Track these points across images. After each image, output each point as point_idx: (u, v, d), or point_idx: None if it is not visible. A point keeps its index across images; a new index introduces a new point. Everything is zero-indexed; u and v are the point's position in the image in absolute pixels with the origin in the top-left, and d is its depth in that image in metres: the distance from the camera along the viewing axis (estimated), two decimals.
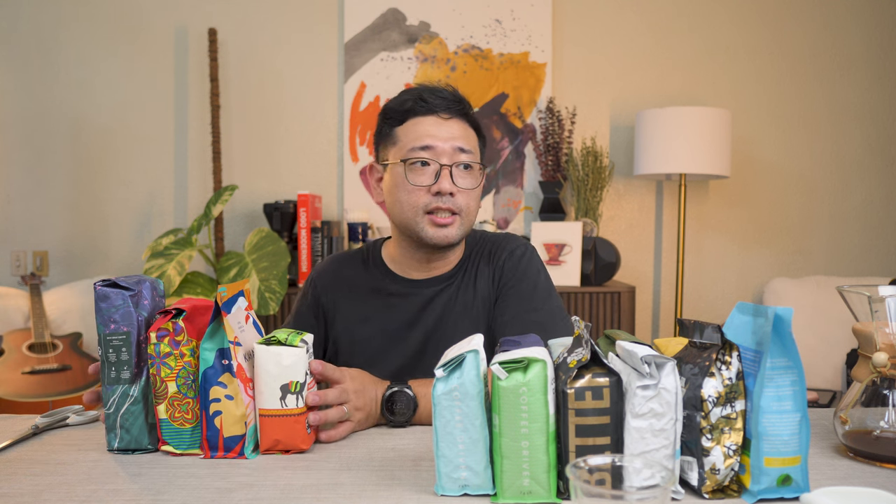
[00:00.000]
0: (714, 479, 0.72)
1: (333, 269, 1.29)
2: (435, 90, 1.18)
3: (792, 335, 0.70)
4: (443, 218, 1.14)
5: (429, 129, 1.15)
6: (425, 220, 1.15)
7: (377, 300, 1.23)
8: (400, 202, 1.16)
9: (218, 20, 2.75)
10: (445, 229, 1.15)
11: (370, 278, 1.26)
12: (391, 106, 1.20)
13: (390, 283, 1.24)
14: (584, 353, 0.70)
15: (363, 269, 1.27)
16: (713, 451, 0.71)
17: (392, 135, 1.19)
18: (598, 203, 2.66)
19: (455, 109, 1.18)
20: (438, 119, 1.16)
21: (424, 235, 1.15)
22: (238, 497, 0.72)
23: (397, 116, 1.18)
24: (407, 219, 1.16)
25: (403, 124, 1.18)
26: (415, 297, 1.22)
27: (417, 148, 1.14)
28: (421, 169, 1.15)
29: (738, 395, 0.72)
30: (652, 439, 0.70)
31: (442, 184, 1.13)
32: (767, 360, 0.70)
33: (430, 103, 1.16)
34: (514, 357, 0.71)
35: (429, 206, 1.14)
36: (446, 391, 0.72)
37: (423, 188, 1.14)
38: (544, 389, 0.70)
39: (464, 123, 1.19)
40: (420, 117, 1.17)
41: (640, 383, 0.69)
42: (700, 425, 0.72)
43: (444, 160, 1.14)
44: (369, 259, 1.28)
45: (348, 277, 1.27)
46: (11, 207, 2.79)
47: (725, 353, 0.73)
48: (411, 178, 1.14)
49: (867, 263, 2.86)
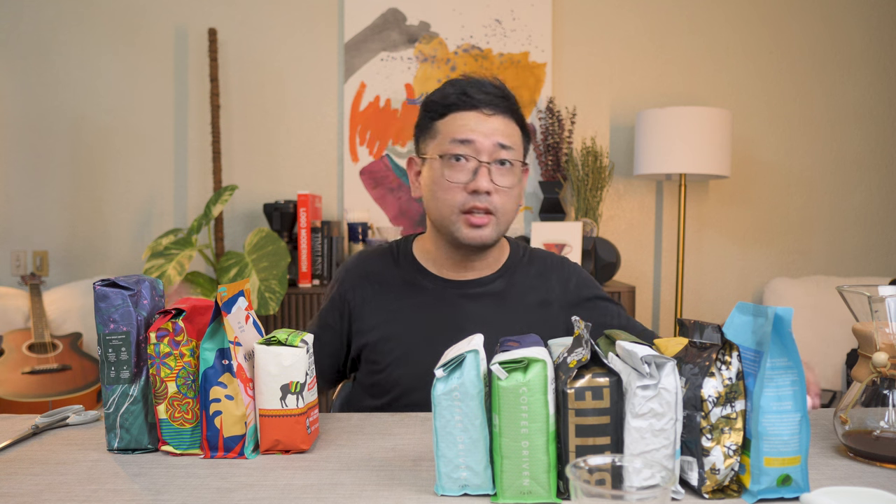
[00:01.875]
0: (714, 479, 0.72)
1: (361, 265, 1.25)
2: (480, 84, 1.14)
3: (792, 335, 0.69)
4: (478, 218, 1.11)
5: (470, 124, 1.11)
6: (461, 219, 1.12)
7: (409, 297, 1.20)
8: (436, 199, 1.13)
9: (218, 20, 2.75)
10: (480, 230, 1.12)
11: (402, 274, 1.22)
12: (433, 98, 1.16)
13: (422, 280, 1.21)
14: (585, 353, 0.70)
15: (393, 265, 1.23)
16: (713, 451, 0.71)
17: (432, 128, 1.16)
18: (598, 203, 2.66)
19: (500, 106, 1.13)
20: (481, 115, 1.12)
21: (459, 235, 1.13)
22: (238, 497, 0.72)
23: (439, 110, 1.14)
24: (443, 216, 1.13)
25: (444, 118, 1.14)
26: (449, 298, 1.19)
27: (457, 141, 1.11)
28: (458, 165, 1.11)
29: (738, 395, 0.72)
30: (652, 439, 0.70)
31: (479, 182, 1.10)
32: (767, 360, 0.70)
33: (473, 98, 1.12)
34: (514, 357, 0.71)
35: (465, 206, 1.11)
36: (446, 391, 0.72)
37: (460, 185, 1.11)
38: (544, 389, 0.70)
39: (508, 119, 1.14)
40: (462, 112, 1.12)
41: (640, 383, 0.69)
42: (700, 425, 0.71)
43: (483, 157, 1.11)
44: (399, 255, 1.24)
45: (377, 273, 1.23)
46: (11, 207, 2.79)
47: (725, 353, 0.72)
48: (448, 175, 1.11)
49: (867, 263, 2.86)
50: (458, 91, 1.13)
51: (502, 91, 1.15)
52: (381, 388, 1.19)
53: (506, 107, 1.14)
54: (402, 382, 1.17)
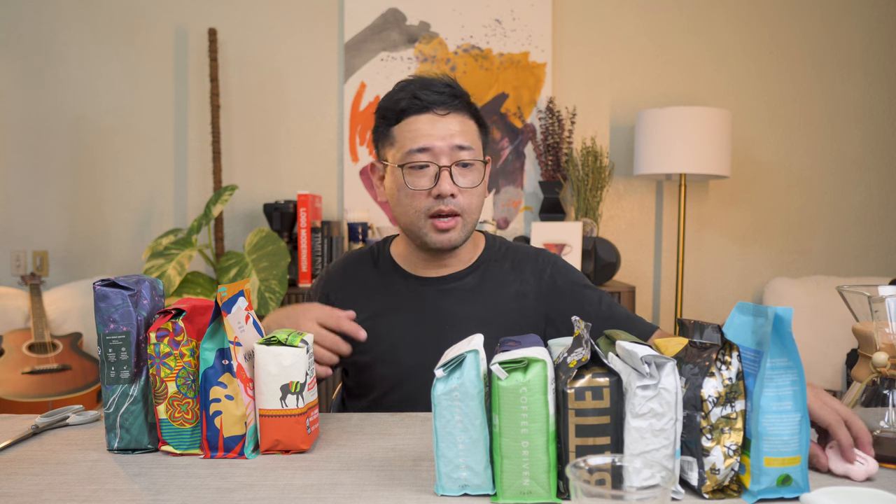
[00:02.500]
0: (714, 479, 0.72)
1: (343, 268, 1.28)
2: (429, 84, 1.13)
3: (792, 335, 0.69)
4: (444, 222, 1.12)
5: (425, 129, 1.11)
6: (428, 224, 1.13)
7: (388, 297, 1.22)
8: (402, 205, 1.15)
9: (218, 20, 2.75)
10: (448, 234, 1.13)
11: (380, 276, 1.24)
12: (385, 105, 1.16)
13: (400, 280, 1.23)
14: (585, 353, 0.70)
15: (373, 267, 1.26)
16: (713, 451, 0.71)
17: (389, 134, 1.16)
18: (598, 203, 2.66)
19: (451, 104, 1.13)
20: (434, 116, 1.12)
21: (428, 240, 1.14)
22: (238, 497, 0.72)
23: (392, 116, 1.15)
24: (410, 222, 1.15)
25: (399, 124, 1.14)
26: (426, 295, 1.20)
27: (415, 150, 1.11)
28: (420, 172, 1.12)
29: (738, 395, 0.72)
30: (652, 439, 0.70)
31: (442, 186, 1.10)
32: (767, 360, 0.70)
33: (424, 101, 1.12)
34: (514, 357, 0.71)
35: (431, 210, 1.12)
36: (446, 391, 0.72)
37: (424, 191, 1.12)
38: (544, 389, 0.70)
39: (462, 117, 1.15)
40: (415, 116, 1.13)
41: (640, 383, 0.70)
42: (700, 425, 0.71)
43: (442, 161, 1.11)
44: (379, 257, 1.27)
45: (359, 275, 1.26)
46: (11, 207, 2.79)
47: (725, 353, 0.72)
48: (410, 182, 1.12)
49: (867, 263, 2.86)
50: (409, 95, 1.13)
51: (454, 89, 1.14)
52: (364, 387, 1.23)
53: (458, 104, 1.14)
54: (384, 382, 1.20)
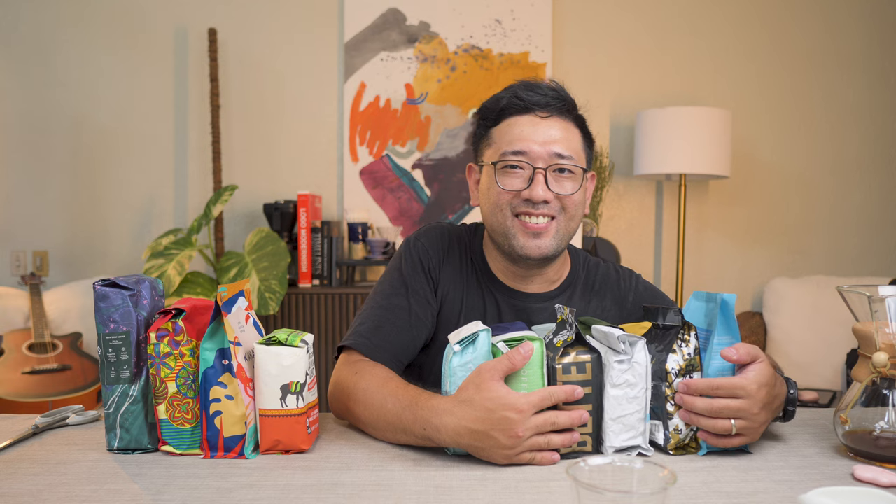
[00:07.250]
0: (677, 438, 0.85)
1: (439, 233, 1.16)
2: (532, 85, 1.07)
3: (734, 316, 0.86)
4: (535, 224, 1.03)
5: (524, 131, 1.04)
6: (516, 224, 1.04)
7: (472, 289, 1.13)
8: (489, 205, 1.07)
9: (218, 20, 2.75)
10: (539, 239, 1.04)
11: (471, 263, 1.15)
12: (486, 105, 1.10)
13: (486, 279, 1.14)
14: (569, 334, 0.84)
15: (467, 252, 1.16)
16: (676, 415, 0.85)
17: (488, 136, 1.10)
18: (598, 203, 2.66)
19: (555, 107, 1.06)
20: (535, 118, 1.05)
21: (516, 245, 1.05)
22: (238, 497, 0.72)
23: (492, 116, 1.08)
24: (497, 223, 1.06)
25: (499, 125, 1.08)
26: (512, 308, 1.12)
27: (510, 153, 1.04)
28: (513, 171, 1.04)
29: (695, 367, 0.86)
30: (627, 405, 0.83)
31: (535, 190, 1.02)
32: (714, 337, 0.85)
33: (525, 100, 1.05)
34: (516, 336, 0.85)
35: (518, 208, 1.04)
36: (462, 363, 0.85)
37: (514, 192, 1.04)
38: (541, 363, 0.83)
39: (566, 122, 1.07)
40: (515, 116, 1.06)
41: (616, 358, 0.83)
42: (665, 393, 0.85)
43: (539, 163, 1.03)
44: (471, 244, 1.17)
45: (453, 249, 1.15)
46: (11, 207, 2.79)
47: (685, 332, 0.86)
48: (502, 182, 1.04)
49: (867, 263, 2.86)
50: (510, 94, 1.07)
51: (559, 93, 1.07)
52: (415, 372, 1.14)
53: (562, 108, 1.07)
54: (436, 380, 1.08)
